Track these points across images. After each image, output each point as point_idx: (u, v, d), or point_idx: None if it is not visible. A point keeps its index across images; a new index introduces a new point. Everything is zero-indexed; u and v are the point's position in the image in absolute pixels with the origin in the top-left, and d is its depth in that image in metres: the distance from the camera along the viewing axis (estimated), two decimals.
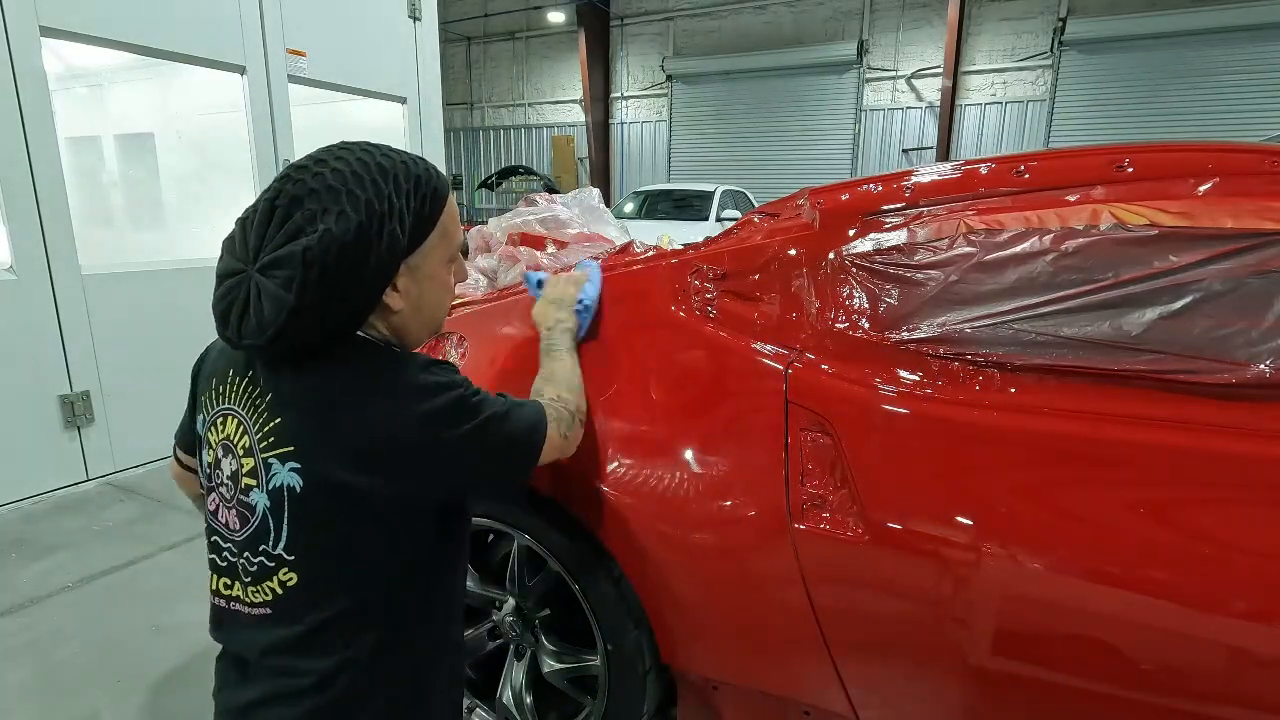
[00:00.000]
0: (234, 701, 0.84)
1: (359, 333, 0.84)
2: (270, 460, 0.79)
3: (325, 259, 0.74)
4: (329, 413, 0.78)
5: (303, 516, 0.79)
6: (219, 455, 0.85)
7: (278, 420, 0.79)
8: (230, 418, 0.84)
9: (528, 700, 1.46)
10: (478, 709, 1.51)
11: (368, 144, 0.83)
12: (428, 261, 0.86)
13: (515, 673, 1.47)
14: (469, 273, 1.68)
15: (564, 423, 1.00)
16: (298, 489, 0.78)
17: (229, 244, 0.79)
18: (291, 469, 0.78)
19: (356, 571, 0.81)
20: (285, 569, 0.80)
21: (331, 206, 0.75)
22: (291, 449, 0.78)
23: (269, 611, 0.82)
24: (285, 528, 0.79)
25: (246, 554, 0.82)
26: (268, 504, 0.80)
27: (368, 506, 0.79)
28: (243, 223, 0.79)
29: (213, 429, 0.86)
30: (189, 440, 0.96)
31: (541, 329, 1.22)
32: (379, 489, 0.78)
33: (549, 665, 1.39)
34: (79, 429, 2.88)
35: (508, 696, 1.47)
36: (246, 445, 0.81)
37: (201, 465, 0.88)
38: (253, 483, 0.81)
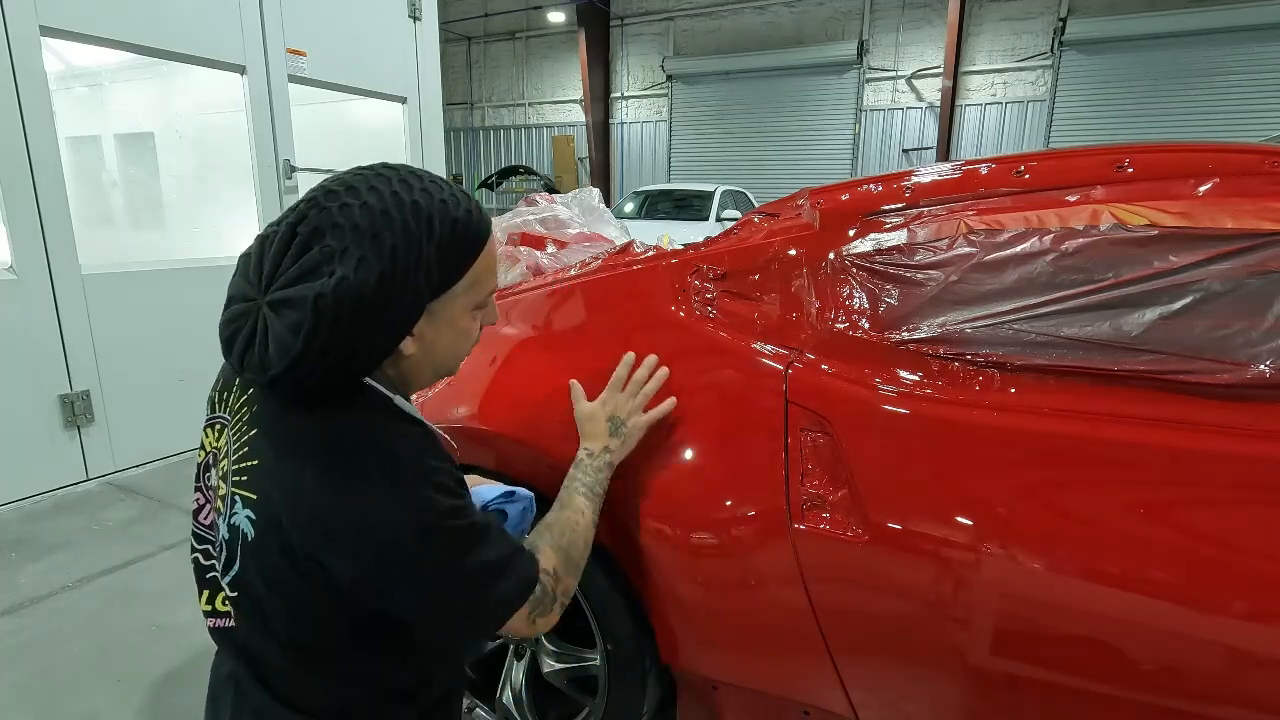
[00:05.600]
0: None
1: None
2: (236, 497, 0.77)
3: (339, 309, 0.67)
4: (302, 478, 0.72)
5: (250, 564, 0.77)
6: (210, 461, 0.84)
7: (254, 462, 0.76)
8: (222, 429, 0.82)
9: (527, 700, 1.46)
10: (478, 709, 1.51)
11: (408, 173, 0.76)
12: (451, 308, 0.79)
13: (515, 673, 1.47)
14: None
15: (542, 605, 0.85)
16: (249, 537, 0.76)
17: (244, 262, 0.72)
18: (248, 516, 0.76)
19: (302, 638, 0.77)
20: (228, 604, 0.81)
21: (353, 248, 0.68)
22: (254, 498, 0.75)
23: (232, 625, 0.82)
24: (236, 566, 0.79)
25: (213, 561, 0.83)
26: (226, 536, 0.80)
27: (312, 580, 0.74)
28: (262, 241, 0.72)
29: (209, 431, 0.85)
30: None
31: (583, 443, 1.06)
32: (324, 572, 0.73)
33: (549, 665, 1.39)
34: (79, 429, 2.88)
35: (508, 696, 1.47)
36: (224, 469, 0.80)
37: (200, 455, 0.87)
38: (221, 508, 0.80)
